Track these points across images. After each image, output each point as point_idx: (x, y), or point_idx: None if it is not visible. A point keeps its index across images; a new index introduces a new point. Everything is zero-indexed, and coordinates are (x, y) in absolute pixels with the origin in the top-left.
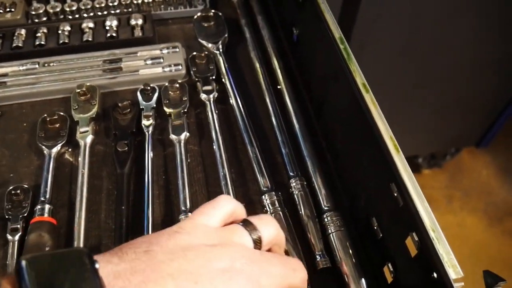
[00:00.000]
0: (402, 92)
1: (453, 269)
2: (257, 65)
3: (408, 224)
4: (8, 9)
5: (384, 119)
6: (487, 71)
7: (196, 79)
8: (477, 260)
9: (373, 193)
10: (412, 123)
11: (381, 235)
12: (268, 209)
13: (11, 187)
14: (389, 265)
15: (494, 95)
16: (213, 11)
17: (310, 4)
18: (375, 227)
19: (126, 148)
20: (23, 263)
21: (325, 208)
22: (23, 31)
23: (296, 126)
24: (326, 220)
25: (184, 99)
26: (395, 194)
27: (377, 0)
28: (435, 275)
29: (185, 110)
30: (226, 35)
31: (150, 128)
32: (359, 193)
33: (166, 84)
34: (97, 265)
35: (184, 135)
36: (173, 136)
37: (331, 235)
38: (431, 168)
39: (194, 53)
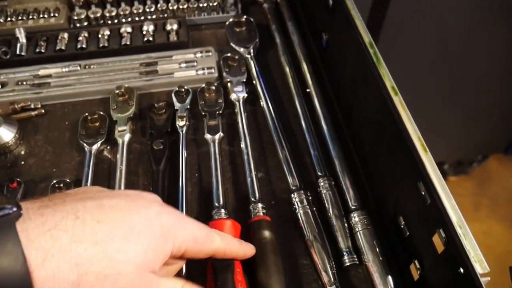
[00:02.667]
0: (429, 98)
1: (479, 264)
2: (287, 69)
3: (436, 221)
4: (52, 14)
5: (412, 120)
6: None
7: (228, 80)
8: (503, 269)
9: (400, 193)
10: (438, 129)
11: (408, 233)
12: (297, 207)
13: (54, 181)
14: (416, 262)
15: None
16: (245, 17)
17: (340, 10)
18: (402, 226)
19: (162, 147)
20: None
21: (353, 207)
22: (65, 35)
23: (325, 128)
24: (353, 218)
25: (219, 101)
26: (423, 193)
27: (405, 4)
28: (461, 270)
29: (220, 111)
30: (257, 40)
31: (184, 128)
32: (387, 193)
33: (203, 85)
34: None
35: (219, 135)
36: (208, 136)
37: (358, 233)
38: (458, 175)
39: (228, 54)
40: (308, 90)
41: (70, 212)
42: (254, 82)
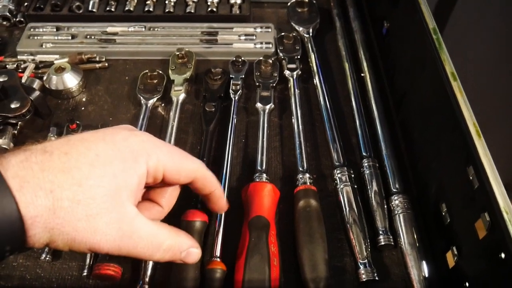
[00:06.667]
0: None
1: None
2: (343, 53)
3: (481, 205)
4: None
5: (469, 106)
6: None
7: (282, 57)
8: None
9: (446, 179)
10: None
11: (448, 220)
12: (338, 182)
13: None
14: (454, 249)
15: None
16: None
17: None
18: (444, 213)
19: (213, 109)
20: None
21: (394, 191)
22: None
23: (375, 112)
24: (394, 201)
25: (274, 74)
26: (471, 177)
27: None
28: (503, 255)
29: (274, 84)
30: (317, 21)
31: (237, 96)
32: (431, 180)
33: (261, 58)
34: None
35: (270, 105)
36: (259, 105)
37: (397, 215)
38: None
39: (283, 33)
40: (362, 74)
41: (40, 148)
42: (309, 61)
